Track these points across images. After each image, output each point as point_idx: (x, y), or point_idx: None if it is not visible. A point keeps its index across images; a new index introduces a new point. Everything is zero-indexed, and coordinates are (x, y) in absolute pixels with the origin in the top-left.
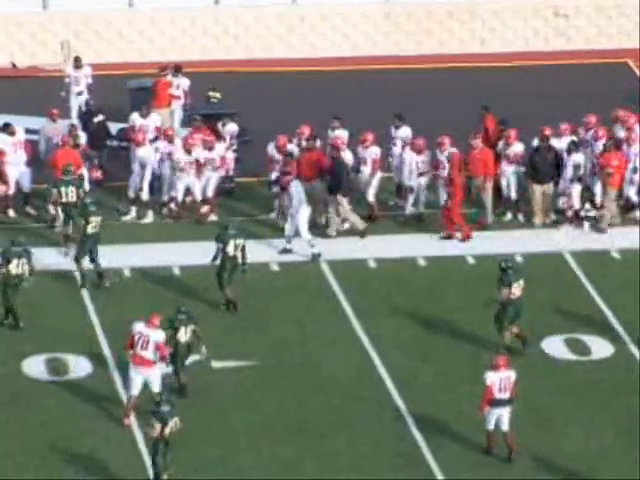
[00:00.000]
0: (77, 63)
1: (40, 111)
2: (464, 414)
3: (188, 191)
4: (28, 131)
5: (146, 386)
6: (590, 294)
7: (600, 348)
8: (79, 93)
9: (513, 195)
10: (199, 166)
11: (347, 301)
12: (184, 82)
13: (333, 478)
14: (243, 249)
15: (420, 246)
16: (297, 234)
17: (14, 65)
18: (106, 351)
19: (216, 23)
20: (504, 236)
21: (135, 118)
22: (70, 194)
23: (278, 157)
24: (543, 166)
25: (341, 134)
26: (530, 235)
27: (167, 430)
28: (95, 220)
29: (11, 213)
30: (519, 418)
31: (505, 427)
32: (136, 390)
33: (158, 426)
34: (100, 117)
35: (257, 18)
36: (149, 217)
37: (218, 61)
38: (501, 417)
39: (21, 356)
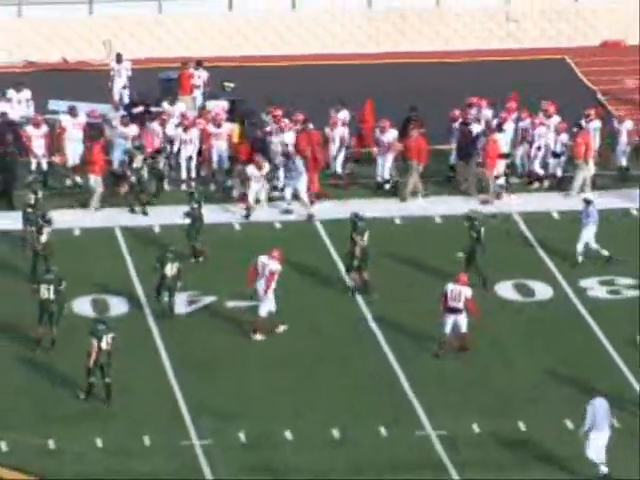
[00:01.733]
0: (119, 58)
1: (87, 98)
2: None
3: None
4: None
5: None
6: (534, 247)
7: (542, 290)
8: (124, 87)
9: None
10: None
11: (335, 252)
12: (204, 74)
13: None
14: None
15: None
16: (296, 198)
17: (65, 60)
18: (140, 293)
19: (230, 25)
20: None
21: (165, 105)
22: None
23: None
24: (463, 145)
25: (344, 115)
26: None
27: (103, 345)
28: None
29: (68, 182)
30: (476, 348)
31: (463, 329)
32: None
33: (93, 342)
34: (140, 108)
35: (263, 21)
36: None
37: (231, 57)
38: (457, 322)
39: (71, 297)
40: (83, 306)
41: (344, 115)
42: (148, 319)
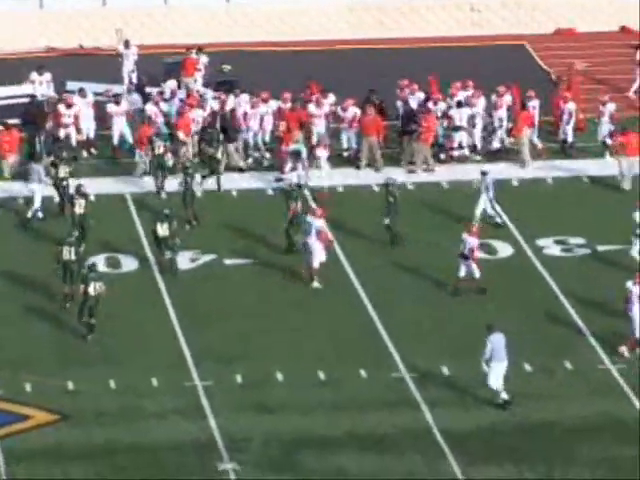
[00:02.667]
0: (127, 44)
1: (101, 80)
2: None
3: None
4: (95, 94)
5: None
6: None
7: (503, 249)
8: (132, 71)
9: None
10: None
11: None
12: (204, 59)
13: None
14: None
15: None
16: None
17: (81, 47)
18: (147, 252)
19: (228, 15)
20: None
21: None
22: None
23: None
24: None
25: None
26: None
27: (90, 290)
28: None
29: (85, 154)
30: (446, 299)
31: (476, 274)
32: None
33: (81, 287)
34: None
35: (257, 12)
36: None
37: (229, 43)
38: (469, 267)
39: (87, 256)
40: (98, 263)
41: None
42: (155, 275)
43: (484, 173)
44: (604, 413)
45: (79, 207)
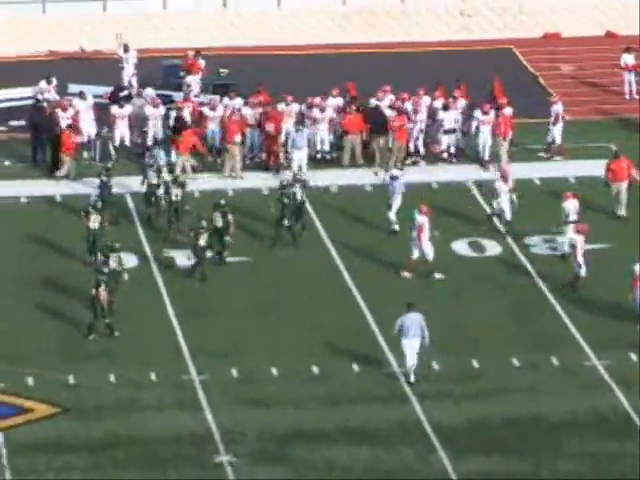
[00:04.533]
0: (126, 48)
1: (101, 82)
2: None
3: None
4: (95, 96)
5: None
6: (486, 211)
7: (492, 248)
8: (133, 74)
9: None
10: None
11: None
12: (202, 62)
13: None
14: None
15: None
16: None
17: (83, 50)
18: (147, 250)
19: (224, 20)
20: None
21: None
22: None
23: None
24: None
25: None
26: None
27: (102, 292)
28: None
29: (85, 155)
30: (437, 296)
31: (430, 256)
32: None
33: (93, 290)
34: (125, 92)
35: (253, 17)
36: None
37: (225, 47)
38: (420, 247)
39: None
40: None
41: (239, 103)
42: (154, 271)
43: (393, 177)
44: (590, 408)
45: (175, 196)
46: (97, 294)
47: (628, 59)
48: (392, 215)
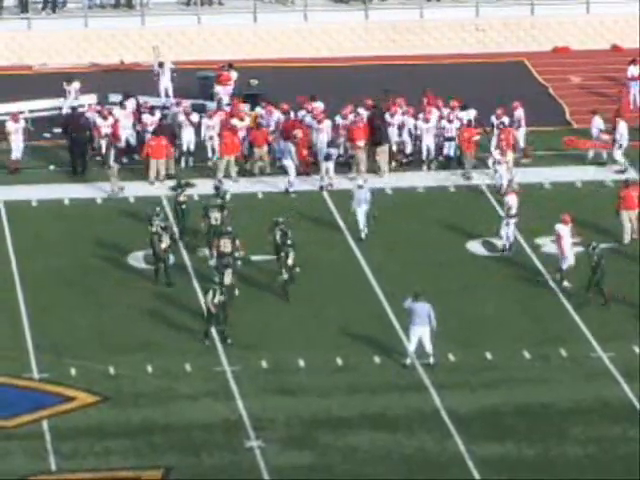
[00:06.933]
0: (160, 64)
1: (139, 92)
2: None
3: None
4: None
5: None
6: (497, 212)
7: (508, 244)
8: (167, 87)
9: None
10: None
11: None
12: (234, 74)
13: None
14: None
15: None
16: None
17: (122, 62)
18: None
19: (254, 34)
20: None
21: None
22: None
23: None
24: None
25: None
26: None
27: (213, 300)
28: None
29: (125, 160)
30: (452, 292)
31: None
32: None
33: (204, 299)
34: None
35: (281, 31)
36: None
37: (255, 59)
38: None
39: (128, 252)
40: (137, 259)
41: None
42: (188, 268)
43: (359, 186)
44: (595, 396)
45: (214, 220)
46: (211, 302)
47: (634, 70)
48: (361, 224)
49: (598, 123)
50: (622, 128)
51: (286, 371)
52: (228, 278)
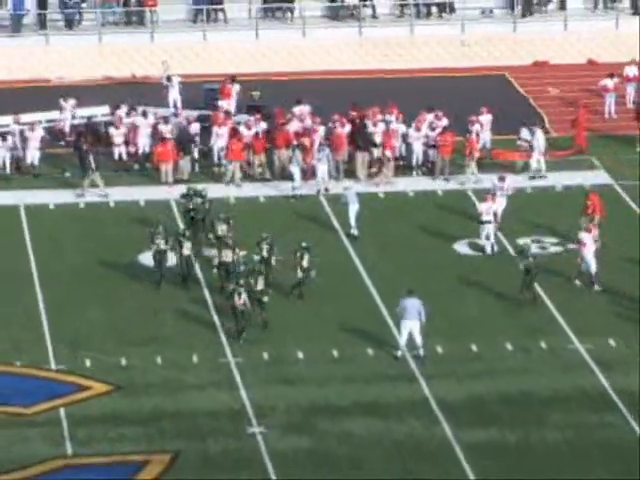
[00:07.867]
0: (169, 78)
1: (150, 104)
2: None
3: None
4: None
5: None
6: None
7: (489, 248)
8: (176, 99)
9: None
10: None
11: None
12: (236, 87)
13: None
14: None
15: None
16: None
17: (134, 76)
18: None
19: (256, 50)
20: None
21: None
22: None
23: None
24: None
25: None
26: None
27: (241, 298)
28: None
29: (136, 166)
30: (441, 289)
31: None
32: None
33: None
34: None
35: (281, 47)
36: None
37: (257, 73)
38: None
39: (137, 252)
40: (147, 259)
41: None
42: (195, 268)
43: (346, 188)
44: (573, 386)
45: (221, 231)
46: (237, 302)
47: (609, 83)
48: (352, 220)
49: (525, 134)
50: (539, 136)
51: (286, 362)
52: (260, 284)
